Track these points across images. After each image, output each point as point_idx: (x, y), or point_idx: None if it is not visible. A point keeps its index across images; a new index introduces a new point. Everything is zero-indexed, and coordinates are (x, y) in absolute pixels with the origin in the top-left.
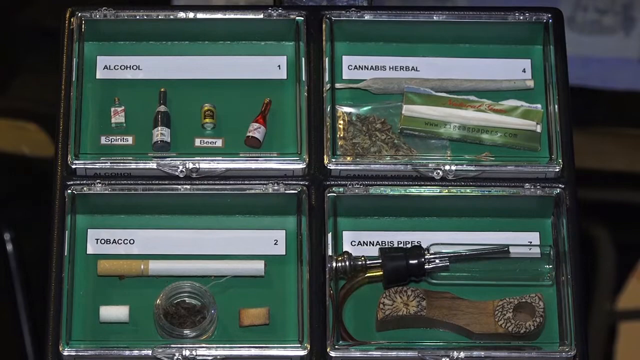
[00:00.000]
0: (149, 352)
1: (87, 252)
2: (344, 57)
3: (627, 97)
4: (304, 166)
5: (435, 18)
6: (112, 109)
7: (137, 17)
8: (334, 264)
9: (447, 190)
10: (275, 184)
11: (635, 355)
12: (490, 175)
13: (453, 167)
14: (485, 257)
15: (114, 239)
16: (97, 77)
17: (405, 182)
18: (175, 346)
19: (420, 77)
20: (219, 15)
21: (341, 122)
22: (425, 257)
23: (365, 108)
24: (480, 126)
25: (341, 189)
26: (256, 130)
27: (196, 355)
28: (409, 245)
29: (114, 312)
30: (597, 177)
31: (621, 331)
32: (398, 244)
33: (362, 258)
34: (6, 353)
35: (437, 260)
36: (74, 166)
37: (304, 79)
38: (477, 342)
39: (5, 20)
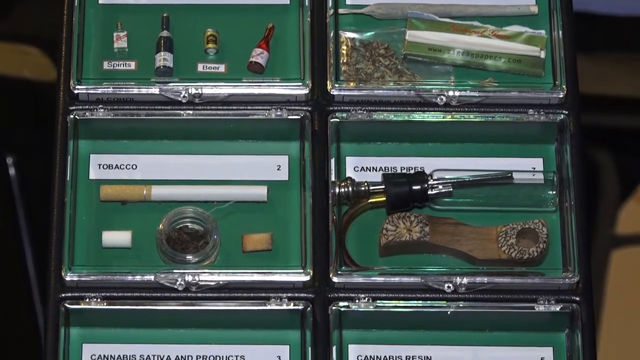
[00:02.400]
0: (152, 278)
1: (90, 178)
2: None
3: (632, 22)
4: (307, 92)
5: None
6: (115, 34)
7: None
8: (337, 190)
9: (450, 116)
10: (278, 110)
11: (635, 279)
12: (494, 101)
13: (456, 93)
14: (489, 183)
15: (117, 164)
16: (99, 2)
17: (409, 108)
18: (178, 272)
19: (423, 3)
20: None
21: (344, 47)
22: (429, 182)
23: (368, 33)
24: (484, 52)
25: (344, 115)
26: (259, 56)
27: (199, 281)
28: (412, 171)
29: (117, 237)
30: (601, 102)
31: (621, 256)
32: (401, 169)
33: (365, 184)
34: (9, 278)
35: (440, 186)
36: (76, 91)
37: (307, 4)
38: (480, 268)
39: None
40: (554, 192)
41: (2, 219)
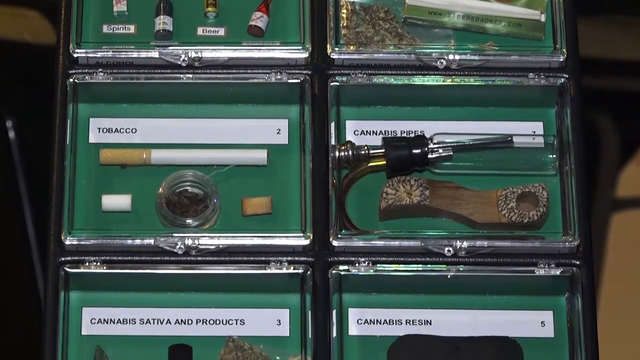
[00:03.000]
0: (151, 242)
1: (89, 141)
2: None
3: None
4: (307, 55)
5: None
6: None
7: None
8: (337, 153)
9: (450, 80)
10: (278, 73)
11: (636, 242)
12: (494, 65)
13: (457, 57)
14: (489, 146)
15: (116, 128)
16: None
17: (409, 72)
18: (178, 235)
19: None
20: None
21: (344, 11)
22: (429, 146)
23: None
24: (484, 15)
25: (344, 78)
26: (259, 19)
27: (198, 245)
28: (412, 135)
29: (116, 201)
30: (601, 65)
31: (621, 219)
32: (401, 133)
33: (365, 147)
34: (9, 242)
35: (440, 150)
36: (75, 55)
37: None
38: (480, 231)
39: None
40: (554, 156)
41: (1, 182)
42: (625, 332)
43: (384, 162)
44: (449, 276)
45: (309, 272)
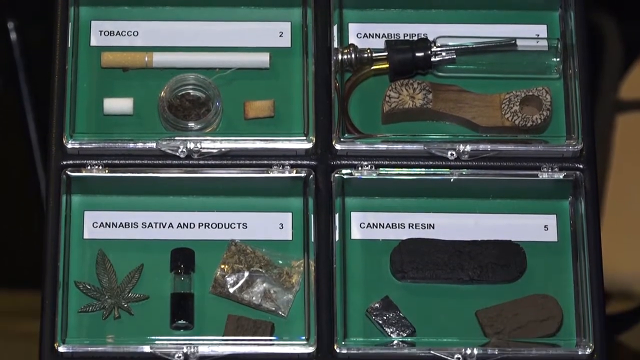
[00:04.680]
0: (153, 145)
1: (91, 44)
2: None
3: None
4: None
5: None
6: None
7: None
8: (340, 56)
9: None
10: None
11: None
12: None
13: None
14: (492, 49)
15: (118, 31)
16: None
17: None
18: (180, 139)
19: None
20: None
21: None
22: (432, 49)
23: None
24: None
25: None
26: None
27: (201, 148)
28: (415, 38)
29: (118, 104)
30: None
31: (625, 121)
32: (404, 36)
33: (368, 50)
34: (11, 145)
35: (443, 53)
36: None
37: None
38: (483, 135)
39: None
40: (558, 59)
41: (3, 84)
42: (629, 235)
43: (387, 65)
44: (451, 180)
45: (311, 175)
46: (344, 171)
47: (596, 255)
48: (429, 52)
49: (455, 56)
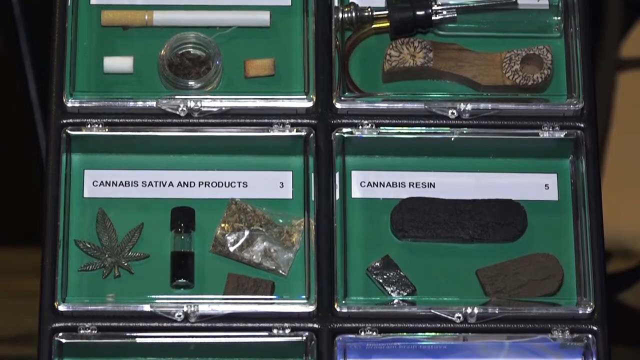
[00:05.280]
0: (153, 104)
1: (91, 2)
2: None
3: None
4: None
5: None
6: None
7: None
8: (341, 15)
9: None
10: None
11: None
12: None
13: None
14: (493, 8)
15: None
16: None
17: None
18: (180, 97)
19: None
20: None
21: None
22: (433, 8)
23: None
24: None
25: None
26: None
27: (201, 107)
28: None
29: (118, 63)
30: None
31: (626, 79)
32: None
33: (369, 9)
34: (11, 103)
35: (444, 12)
36: None
37: None
38: (484, 94)
39: None
40: (559, 18)
41: (3, 43)
42: (629, 194)
43: (388, 24)
44: (452, 139)
45: (312, 134)
46: (344, 130)
47: (597, 214)
48: (430, 10)
49: (456, 15)
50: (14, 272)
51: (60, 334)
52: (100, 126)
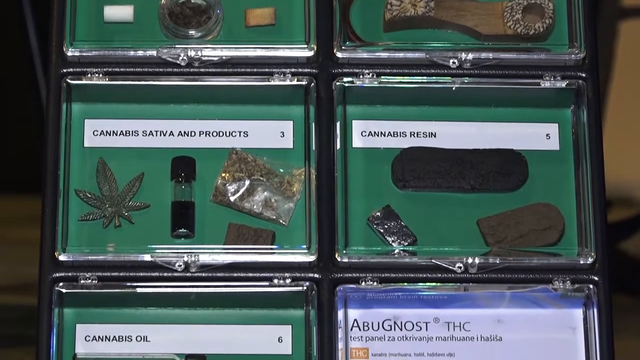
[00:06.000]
0: (154, 53)
1: None
2: None
3: None
4: None
5: None
6: None
7: None
8: None
9: None
10: None
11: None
12: None
13: None
14: None
15: None
16: None
17: None
18: (180, 47)
19: None
20: None
21: None
22: None
23: None
24: None
25: None
26: None
27: (201, 56)
28: None
29: (119, 12)
30: None
31: (628, 28)
32: None
33: None
34: (12, 52)
35: None
36: None
37: None
38: (485, 43)
39: None
40: None
41: None
42: (630, 143)
43: None
44: (453, 88)
45: (312, 83)
46: (345, 79)
47: (598, 164)
48: None
49: None
50: (15, 220)
51: (61, 284)
52: (101, 75)
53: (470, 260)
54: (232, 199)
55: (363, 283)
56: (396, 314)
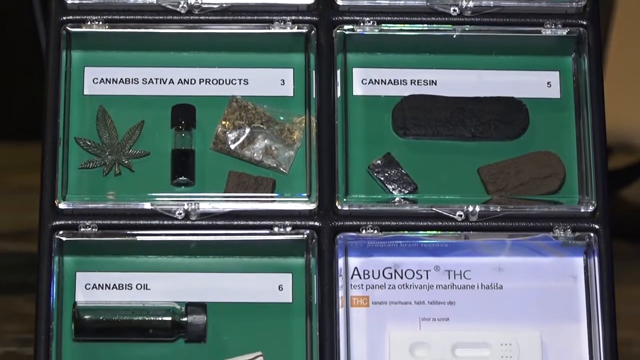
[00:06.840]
0: (154, 0)
1: None
2: None
3: None
4: None
5: None
6: None
7: None
8: None
9: None
10: None
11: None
12: None
13: None
14: None
15: None
16: None
17: None
18: None
19: None
20: None
21: None
22: None
23: None
24: None
25: None
26: None
27: (201, 3)
28: None
29: None
30: None
31: None
32: None
33: None
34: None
35: None
36: None
37: None
38: None
39: None
40: None
41: None
42: (631, 91)
43: None
44: (454, 36)
45: (313, 31)
46: (345, 27)
47: (599, 112)
48: None
49: None
50: (16, 167)
51: (61, 232)
52: (101, 23)
53: (470, 209)
54: (232, 146)
55: (363, 231)
56: (397, 262)
